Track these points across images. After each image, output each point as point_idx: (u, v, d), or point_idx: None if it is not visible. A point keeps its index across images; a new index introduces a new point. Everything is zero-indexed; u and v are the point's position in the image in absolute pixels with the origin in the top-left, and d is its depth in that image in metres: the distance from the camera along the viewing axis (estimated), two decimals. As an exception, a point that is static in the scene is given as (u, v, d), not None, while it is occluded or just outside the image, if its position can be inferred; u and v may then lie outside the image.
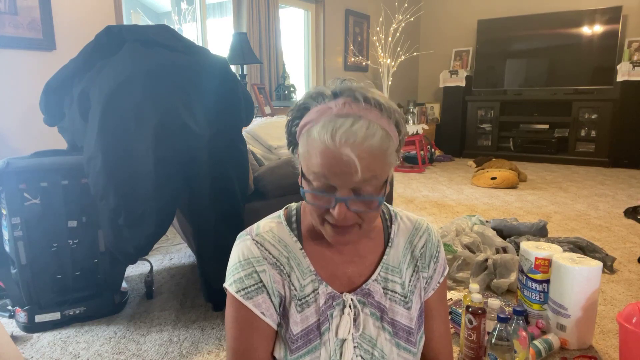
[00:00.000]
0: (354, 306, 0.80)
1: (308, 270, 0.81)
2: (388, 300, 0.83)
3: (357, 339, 0.80)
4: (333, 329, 0.79)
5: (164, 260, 2.69)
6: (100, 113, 1.62)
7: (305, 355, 0.78)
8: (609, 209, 3.68)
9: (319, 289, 0.80)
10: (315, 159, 0.68)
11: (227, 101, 1.82)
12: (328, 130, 0.67)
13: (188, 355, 1.69)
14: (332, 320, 0.80)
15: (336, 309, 0.80)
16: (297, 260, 0.81)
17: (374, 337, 0.81)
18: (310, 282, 0.81)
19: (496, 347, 1.38)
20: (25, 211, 1.81)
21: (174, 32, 1.84)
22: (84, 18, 3.00)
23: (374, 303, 0.82)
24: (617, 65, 5.48)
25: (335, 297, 0.81)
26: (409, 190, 4.52)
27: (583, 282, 1.62)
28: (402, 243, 0.87)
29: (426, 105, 7.03)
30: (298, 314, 0.79)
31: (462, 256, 2.29)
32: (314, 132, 0.69)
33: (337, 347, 0.79)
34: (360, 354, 0.80)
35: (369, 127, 0.67)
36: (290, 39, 5.14)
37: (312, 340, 0.79)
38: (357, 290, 0.82)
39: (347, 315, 0.79)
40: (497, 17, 6.36)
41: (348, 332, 0.79)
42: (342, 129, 0.66)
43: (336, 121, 0.67)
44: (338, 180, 0.68)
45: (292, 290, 0.80)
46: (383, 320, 0.82)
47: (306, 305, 0.80)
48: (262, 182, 2.00)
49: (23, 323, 1.88)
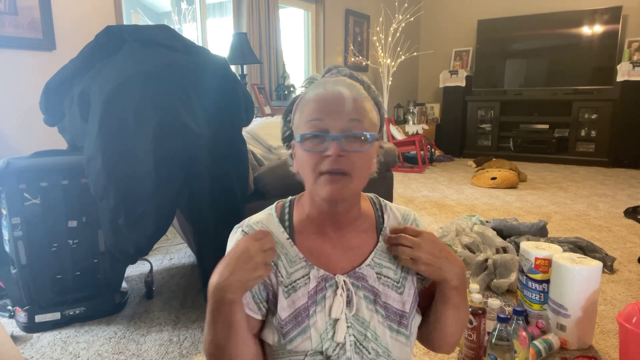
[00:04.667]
0: (347, 288, 0.83)
1: (297, 257, 0.84)
2: (381, 285, 0.85)
3: (351, 320, 0.82)
4: (326, 310, 0.82)
5: (164, 260, 2.69)
6: (100, 113, 1.62)
7: (296, 338, 0.80)
8: (609, 209, 3.68)
9: (310, 273, 0.83)
10: (309, 107, 0.78)
11: (227, 101, 1.82)
12: (319, 85, 0.80)
13: (188, 355, 1.69)
14: (325, 302, 0.82)
15: (329, 290, 0.83)
16: (285, 250, 0.85)
17: (367, 320, 0.83)
18: (301, 268, 0.84)
19: (496, 347, 1.38)
20: (25, 211, 1.80)
21: (174, 32, 1.84)
22: (84, 18, 3.00)
23: (367, 287, 0.84)
24: (617, 65, 5.48)
25: (328, 279, 0.83)
26: (409, 190, 4.52)
27: (583, 282, 1.62)
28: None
29: (426, 105, 7.03)
30: (285, 300, 0.82)
31: (462, 256, 2.29)
32: (307, 95, 0.80)
33: (330, 326, 0.81)
34: (354, 333, 0.82)
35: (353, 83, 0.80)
36: (290, 39, 5.14)
37: (300, 323, 0.81)
38: (351, 273, 0.84)
39: (339, 296, 0.82)
40: (497, 17, 6.36)
41: (341, 312, 0.81)
42: (331, 80, 0.80)
43: (326, 80, 0.81)
44: (330, 120, 0.76)
45: (279, 277, 0.83)
46: (376, 303, 0.84)
47: (293, 290, 0.82)
48: (262, 182, 2.00)
49: (23, 323, 1.88)
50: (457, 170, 5.64)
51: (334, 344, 0.80)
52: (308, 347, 0.80)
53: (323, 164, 0.76)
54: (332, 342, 0.80)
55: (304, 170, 0.81)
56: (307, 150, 0.77)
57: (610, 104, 5.58)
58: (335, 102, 0.76)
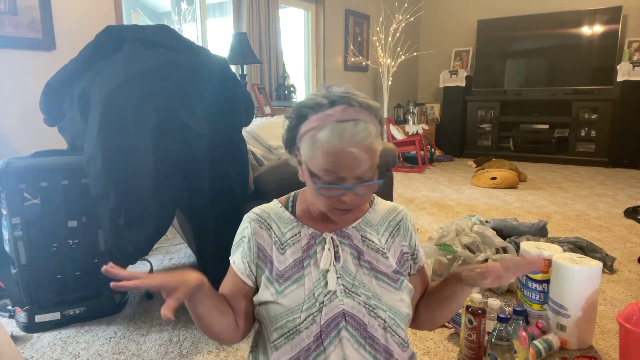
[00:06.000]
0: (335, 244, 0.94)
1: (289, 220, 0.97)
2: (365, 247, 0.95)
3: (339, 271, 0.92)
4: (317, 262, 0.92)
5: (164, 260, 2.69)
6: (100, 113, 1.62)
7: (292, 285, 0.90)
8: (609, 209, 3.68)
9: (301, 231, 0.95)
10: (325, 158, 0.83)
11: (227, 101, 1.82)
12: (335, 134, 0.82)
13: (188, 355, 1.69)
14: (316, 256, 0.93)
15: (319, 246, 0.94)
16: (279, 215, 0.98)
17: (354, 272, 0.93)
18: (292, 227, 0.96)
19: (496, 347, 1.38)
20: (25, 211, 1.81)
21: (174, 32, 1.84)
22: (84, 18, 3.00)
23: (352, 245, 0.95)
24: (617, 65, 5.48)
25: (317, 236, 0.95)
26: (409, 190, 4.52)
27: (583, 282, 1.62)
28: (382, 212, 1.02)
29: (426, 105, 7.03)
30: (281, 255, 0.93)
31: (462, 256, 2.29)
32: (321, 136, 0.83)
33: (322, 276, 0.91)
34: (343, 283, 0.91)
35: (365, 127, 0.83)
36: (290, 39, 5.14)
37: (295, 273, 0.91)
38: (338, 232, 0.96)
39: (327, 250, 0.93)
40: (497, 17, 6.36)
41: (330, 264, 0.92)
42: (346, 132, 0.82)
43: (339, 125, 0.82)
44: (346, 172, 0.83)
45: (274, 237, 0.95)
46: (360, 259, 0.94)
47: (287, 246, 0.94)
48: (262, 182, 2.00)
49: (23, 323, 1.88)
50: (457, 170, 5.64)
51: (325, 291, 0.89)
52: (301, 294, 0.89)
53: (337, 203, 0.87)
54: (323, 289, 0.90)
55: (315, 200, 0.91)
56: (323, 195, 0.86)
57: (610, 104, 5.58)
58: (351, 160, 0.82)
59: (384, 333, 0.89)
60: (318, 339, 0.86)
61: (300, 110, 0.87)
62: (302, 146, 0.88)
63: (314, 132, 0.84)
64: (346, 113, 0.83)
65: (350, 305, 0.89)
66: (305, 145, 0.86)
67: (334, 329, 0.87)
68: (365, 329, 0.88)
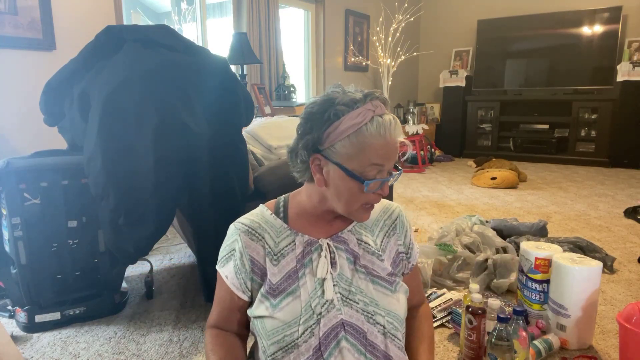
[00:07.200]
0: (331, 250, 0.92)
1: (282, 228, 0.94)
2: (361, 250, 0.94)
3: (336, 278, 0.90)
4: (313, 271, 0.90)
5: (164, 260, 2.69)
6: (100, 113, 1.62)
7: (287, 297, 0.88)
8: (609, 209, 3.68)
9: (296, 240, 0.92)
10: (376, 151, 0.84)
11: (227, 101, 1.82)
12: (384, 127, 0.84)
13: (188, 355, 1.69)
14: (312, 264, 0.91)
15: (314, 254, 0.92)
16: (270, 224, 0.94)
17: (350, 278, 0.91)
18: (287, 236, 0.93)
19: (496, 347, 1.38)
20: (25, 211, 1.80)
21: (174, 32, 1.84)
22: (84, 18, 3.00)
23: (348, 249, 0.94)
24: (617, 65, 5.48)
25: (313, 243, 0.93)
26: (409, 190, 4.52)
27: (583, 282, 1.62)
28: (376, 212, 1.01)
29: (426, 105, 7.03)
30: (274, 267, 0.90)
31: (462, 256, 2.29)
32: (371, 130, 0.83)
33: (318, 285, 0.89)
34: (339, 290, 0.90)
35: (396, 119, 0.87)
36: (290, 39, 5.14)
37: (291, 284, 0.89)
38: (334, 237, 0.94)
39: (324, 258, 0.90)
40: (497, 17, 6.36)
41: (326, 272, 0.90)
42: (391, 124, 0.85)
43: (384, 118, 0.85)
44: (389, 163, 0.86)
45: (267, 249, 0.92)
46: (356, 264, 0.93)
47: (282, 257, 0.91)
48: (262, 182, 2.00)
49: (23, 323, 1.88)
50: (457, 170, 5.64)
51: (322, 301, 0.88)
52: (298, 307, 0.87)
53: (375, 198, 0.89)
54: (320, 299, 0.88)
55: (344, 198, 0.88)
56: (370, 191, 0.86)
57: (610, 104, 5.58)
58: (395, 150, 0.86)
59: (383, 339, 0.88)
60: (317, 351, 0.84)
61: (335, 109, 0.84)
62: (338, 146, 0.84)
63: (359, 127, 0.83)
64: (380, 108, 0.86)
65: (349, 314, 0.87)
66: (345, 143, 0.84)
67: (333, 340, 0.85)
68: (365, 336, 0.86)
